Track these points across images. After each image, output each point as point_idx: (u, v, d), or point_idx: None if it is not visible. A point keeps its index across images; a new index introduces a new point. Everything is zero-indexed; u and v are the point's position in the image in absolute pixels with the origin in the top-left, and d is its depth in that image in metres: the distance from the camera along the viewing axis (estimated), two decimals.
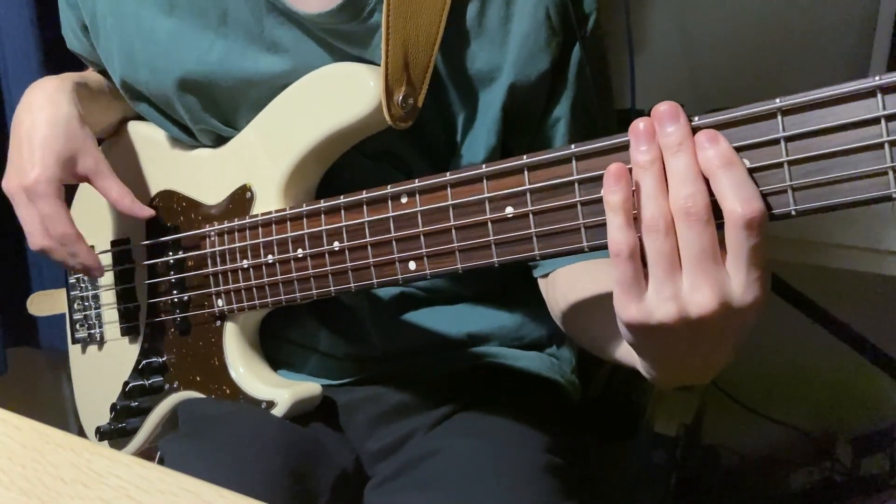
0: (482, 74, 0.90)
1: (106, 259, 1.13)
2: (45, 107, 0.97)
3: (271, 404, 0.96)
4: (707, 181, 0.58)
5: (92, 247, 0.99)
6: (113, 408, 1.10)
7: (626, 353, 0.74)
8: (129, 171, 1.03)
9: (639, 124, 0.60)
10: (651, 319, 0.60)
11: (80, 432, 1.21)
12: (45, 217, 0.94)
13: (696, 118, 0.59)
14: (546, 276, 0.98)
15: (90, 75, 1.11)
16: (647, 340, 0.64)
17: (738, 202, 0.55)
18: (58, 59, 1.14)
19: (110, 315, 1.15)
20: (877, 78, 0.51)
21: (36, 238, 0.95)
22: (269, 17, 0.90)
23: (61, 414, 1.90)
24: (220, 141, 1.01)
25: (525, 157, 0.68)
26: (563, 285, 0.92)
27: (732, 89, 1.92)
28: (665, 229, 0.58)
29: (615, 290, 0.61)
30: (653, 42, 2.03)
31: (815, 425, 1.96)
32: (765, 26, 1.93)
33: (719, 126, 0.58)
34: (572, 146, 0.65)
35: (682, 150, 0.58)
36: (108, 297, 1.15)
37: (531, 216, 0.68)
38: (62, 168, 0.94)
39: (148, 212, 1.00)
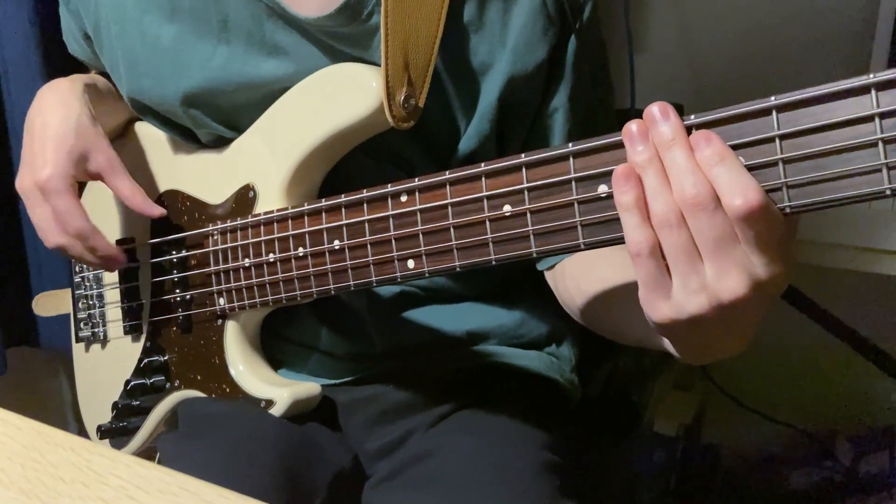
0: (482, 67, 0.90)
1: None
2: (57, 107, 0.99)
3: (270, 403, 0.96)
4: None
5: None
6: (114, 406, 1.10)
7: (652, 336, 0.73)
8: (135, 170, 1.04)
9: (631, 126, 0.61)
10: (683, 314, 0.60)
11: (80, 432, 1.21)
12: (59, 213, 0.94)
13: (693, 116, 0.59)
14: (552, 268, 0.98)
15: (97, 77, 1.11)
16: (681, 333, 0.64)
17: (734, 195, 0.56)
18: (58, 59, 1.15)
19: (114, 314, 1.15)
20: (871, 75, 0.51)
21: (51, 236, 0.96)
22: (269, 22, 0.90)
23: (61, 414, 1.90)
24: (223, 142, 1.01)
25: (523, 155, 0.68)
26: (576, 274, 0.92)
27: (732, 89, 1.92)
28: (677, 222, 0.58)
29: (641, 291, 0.62)
30: (653, 42, 2.03)
31: (815, 425, 1.96)
32: (765, 26, 1.93)
33: (714, 123, 0.59)
34: (570, 144, 0.65)
35: (675, 144, 0.58)
36: (112, 295, 1.15)
37: (528, 214, 0.68)
38: (74, 165, 0.95)
39: (159, 210, 1.00)
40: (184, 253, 1.02)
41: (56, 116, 0.97)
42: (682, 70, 2.03)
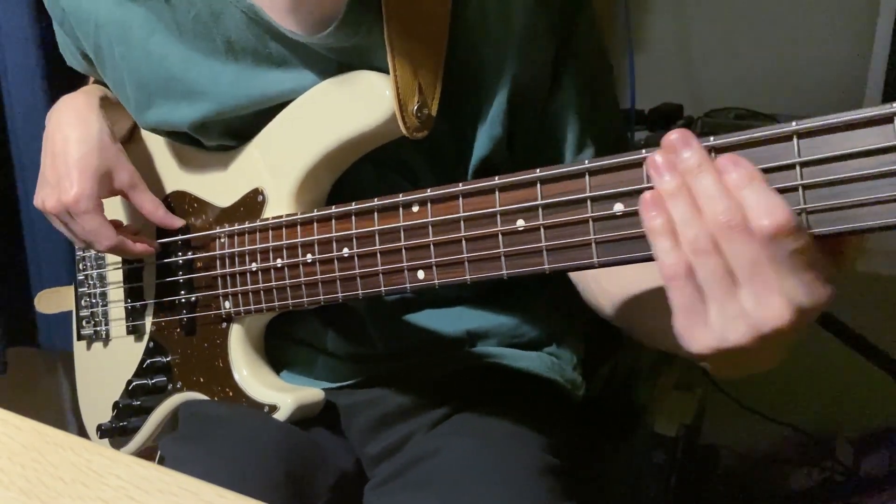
0: (489, 69, 0.89)
1: (115, 257, 1.14)
2: (77, 124, 1.00)
3: (274, 408, 0.96)
4: None
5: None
6: (115, 406, 1.10)
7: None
8: (143, 171, 1.04)
9: (655, 157, 0.60)
10: (724, 343, 0.58)
11: (80, 432, 1.21)
12: (90, 232, 0.98)
13: (712, 138, 0.59)
14: None
15: (104, 88, 1.10)
16: (722, 359, 0.62)
17: (761, 215, 0.55)
18: (58, 59, 1.14)
19: (117, 313, 1.15)
20: (893, 105, 0.51)
21: (102, 244, 1.00)
22: (272, 42, 0.89)
23: (60, 414, 1.91)
24: (231, 146, 1.01)
25: (538, 170, 0.68)
26: (597, 273, 0.90)
27: (731, 90, 1.92)
28: (713, 248, 0.57)
29: (677, 319, 0.60)
30: (653, 42, 2.03)
31: (815, 425, 1.97)
32: (764, 27, 1.94)
33: (735, 147, 0.58)
34: (586, 161, 0.65)
35: (703, 170, 0.58)
36: (115, 294, 1.15)
37: (542, 230, 0.68)
38: (100, 185, 0.98)
39: (179, 222, 1.04)
40: (190, 255, 1.02)
41: (76, 133, 0.99)
42: (682, 70, 2.03)
